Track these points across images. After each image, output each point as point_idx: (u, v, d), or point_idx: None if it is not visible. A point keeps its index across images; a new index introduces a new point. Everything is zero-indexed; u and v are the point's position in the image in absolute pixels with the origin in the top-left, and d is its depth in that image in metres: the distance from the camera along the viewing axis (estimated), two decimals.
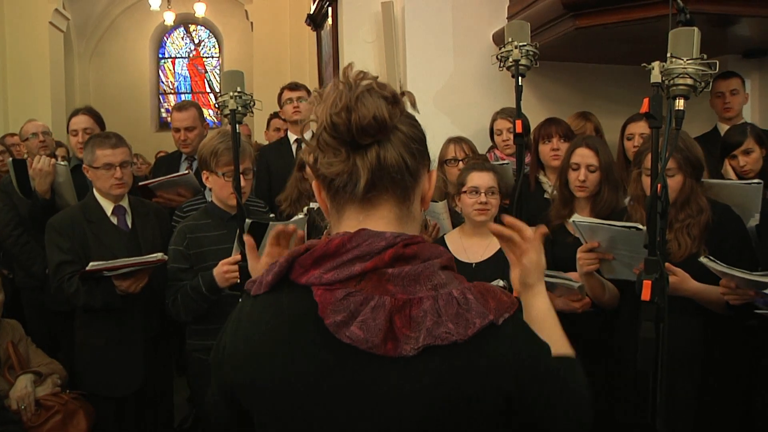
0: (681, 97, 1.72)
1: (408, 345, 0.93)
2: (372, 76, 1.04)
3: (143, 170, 6.13)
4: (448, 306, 0.95)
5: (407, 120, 1.04)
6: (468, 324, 0.94)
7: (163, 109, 13.12)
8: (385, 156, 1.00)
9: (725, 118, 3.80)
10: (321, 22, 5.59)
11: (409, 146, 1.02)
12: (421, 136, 1.06)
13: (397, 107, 1.02)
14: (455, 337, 0.93)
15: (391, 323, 0.94)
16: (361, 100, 0.99)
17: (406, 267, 0.98)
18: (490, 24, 4.22)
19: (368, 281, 0.97)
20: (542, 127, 3.33)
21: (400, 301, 0.95)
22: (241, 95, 2.32)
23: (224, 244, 2.66)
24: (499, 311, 0.97)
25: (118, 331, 2.87)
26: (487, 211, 2.72)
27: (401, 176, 1.02)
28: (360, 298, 0.96)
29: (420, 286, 0.97)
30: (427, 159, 1.08)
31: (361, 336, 0.94)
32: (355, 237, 0.99)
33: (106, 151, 2.88)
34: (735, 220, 2.39)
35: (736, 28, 3.64)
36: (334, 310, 0.96)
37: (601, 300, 2.50)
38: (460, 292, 0.97)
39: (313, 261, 1.01)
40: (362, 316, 0.95)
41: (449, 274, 1.01)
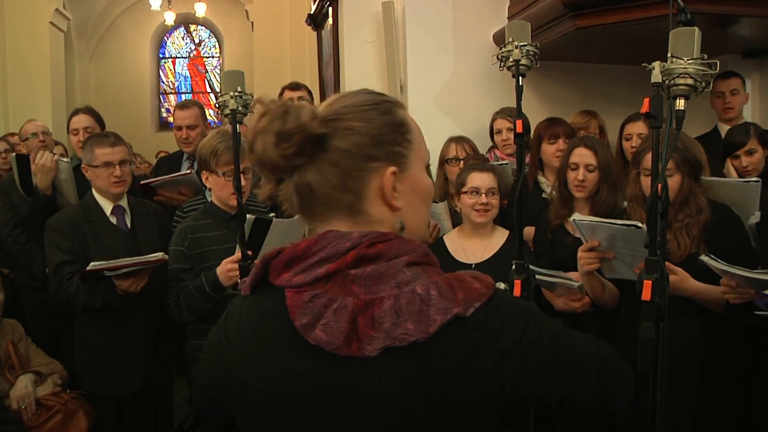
0: (681, 97, 1.72)
1: (371, 345, 0.93)
2: (278, 104, 1.01)
3: (142, 169, 6.13)
4: (410, 304, 0.94)
5: (343, 130, 1.00)
6: (429, 321, 0.93)
7: (163, 109, 13.12)
8: (307, 182, 1.01)
9: (725, 119, 3.80)
10: (321, 22, 5.59)
11: (339, 164, 1.00)
12: (363, 139, 1.01)
13: (284, 143, 0.98)
14: (414, 337, 0.92)
15: (355, 324, 0.94)
16: (255, 142, 1.01)
17: (368, 267, 0.97)
18: (491, 24, 4.23)
19: (334, 283, 0.98)
20: (548, 127, 3.32)
21: (363, 302, 0.95)
22: (241, 95, 2.32)
23: (225, 244, 2.66)
24: (468, 301, 0.95)
25: (117, 331, 2.87)
26: (487, 212, 2.72)
27: (334, 198, 1.02)
28: (324, 300, 0.97)
29: (383, 285, 0.96)
30: (375, 159, 1.02)
31: (324, 338, 0.95)
32: (321, 239, 1.00)
33: (105, 150, 2.88)
34: (734, 220, 2.39)
35: (737, 28, 3.64)
36: (301, 312, 0.97)
37: (602, 300, 2.50)
38: (424, 289, 0.96)
39: (283, 264, 1.02)
40: (325, 319, 0.96)
41: (417, 270, 0.99)
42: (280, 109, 0.99)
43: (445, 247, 2.78)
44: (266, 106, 1.00)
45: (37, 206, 3.39)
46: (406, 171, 1.05)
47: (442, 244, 2.82)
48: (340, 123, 1.01)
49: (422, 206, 1.10)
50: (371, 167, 1.02)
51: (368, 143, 1.01)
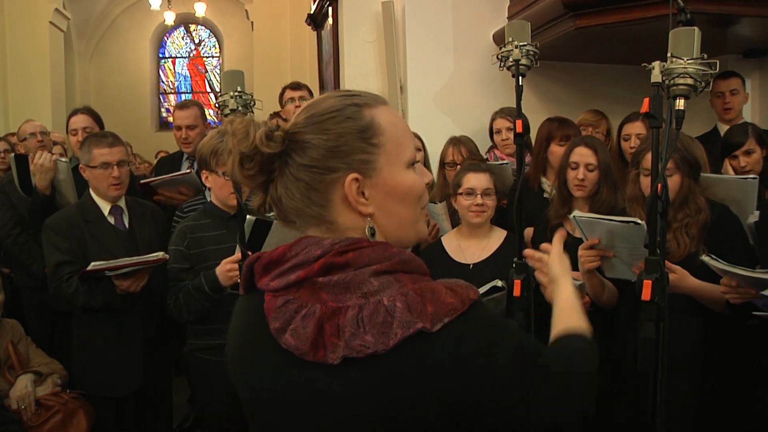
0: (681, 96, 1.72)
1: (334, 353, 0.94)
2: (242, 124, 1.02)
3: (142, 169, 6.12)
4: (374, 315, 0.93)
5: (303, 143, 1.02)
6: (390, 334, 0.91)
7: (163, 109, 13.13)
8: (277, 195, 1.05)
9: (725, 119, 3.79)
10: (321, 22, 5.59)
11: (301, 178, 1.02)
12: (320, 153, 1.01)
13: (255, 157, 1.01)
14: (372, 350, 0.92)
15: (322, 331, 0.95)
16: (227, 161, 1.04)
17: (335, 276, 0.97)
18: (491, 24, 4.23)
19: (305, 289, 0.99)
20: (560, 128, 3.28)
21: (330, 309, 0.96)
22: (241, 95, 2.32)
23: (224, 244, 2.66)
24: (437, 316, 0.92)
25: (117, 331, 2.87)
26: (483, 213, 2.72)
27: (302, 210, 1.04)
28: (295, 305, 0.98)
29: (350, 294, 0.96)
30: (335, 170, 1.01)
31: (292, 343, 0.97)
32: (296, 245, 1.02)
33: (103, 150, 2.87)
34: (733, 220, 2.39)
35: (737, 27, 3.64)
36: (274, 316, 1.00)
37: (601, 299, 2.50)
38: (391, 300, 0.94)
39: (262, 268, 1.05)
40: (294, 324, 0.97)
41: (387, 279, 0.97)
42: (242, 129, 1.01)
43: (443, 248, 2.79)
44: (233, 126, 1.03)
45: (36, 206, 3.39)
46: (375, 176, 1.03)
47: (440, 244, 2.83)
48: (299, 137, 1.02)
49: (402, 208, 1.06)
50: (330, 178, 1.01)
51: (325, 156, 1.01)
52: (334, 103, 1.04)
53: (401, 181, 1.05)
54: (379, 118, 1.04)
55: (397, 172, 1.05)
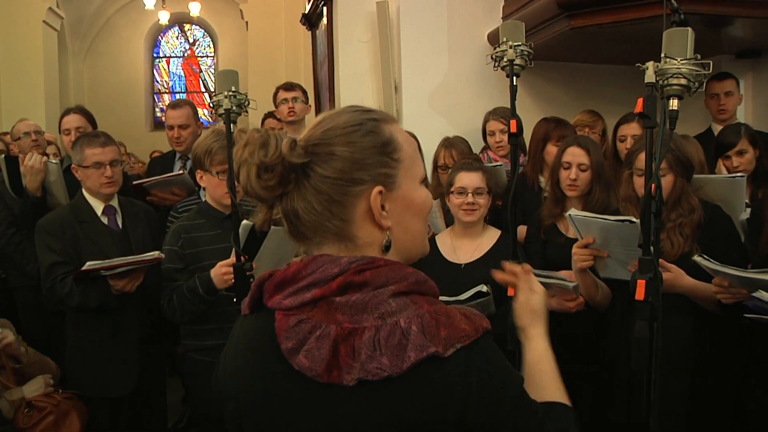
0: (675, 97, 1.72)
1: (349, 375, 0.94)
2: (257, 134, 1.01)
3: (136, 169, 6.11)
4: (390, 337, 0.93)
5: (325, 155, 1.01)
6: (404, 357, 0.92)
7: (157, 109, 13.10)
8: (294, 208, 1.02)
9: (719, 120, 3.81)
10: (316, 22, 5.59)
11: (323, 191, 1.00)
12: (345, 165, 1.00)
13: (267, 173, 0.99)
14: (387, 372, 0.92)
15: (337, 352, 0.95)
16: (240, 172, 1.01)
17: (354, 295, 0.97)
18: (485, 24, 4.23)
19: (319, 309, 0.98)
20: (557, 129, 3.29)
21: (346, 330, 0.95)
22: (235, 95, 2.32)
23: (219, 244, 2.64)
24: (449, 341, 0.93)
25: (111, 332, 2.86)
26: (474, 212, 2.72)
27: (321, 224, 1.02)
28: (309, 326, 0.97)
29: (367, 314, 0.96)
30: (359, 184, 1.01)
31: (306, 364, 0.96)
32: (311, 263, 1.00)
33: (96, 150, 2.87)
34: (725, 220, 2.40)
35: (730, 28, 3.65)
36: (287, 336, 0.98)
37: (594, 299, 2.50)
38: (407, 322, 0.94)
39: (274, 286, 1.03)
40: (308, 345, 0.96)
41: (404, 300, 0.97)
42: (260, 139, 0.99)
43: (437, 247, 2.78)
44: (248, 136, 1.01)
45: (27, 208, 3.38)
46: (395, 190, 1.04)
47: (433, 243, 2.82)
48: (322, 149, 1.01)
49: (417, 222, 1.08)
50: (356, 191, 1.01)
51: (351, 168, 1.00)
52: (354, 117, 1.04)
53: (417, 196, 1.07)
54: (397, 134, 1.06)
55: (413, 187, 1.07)
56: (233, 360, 1.09)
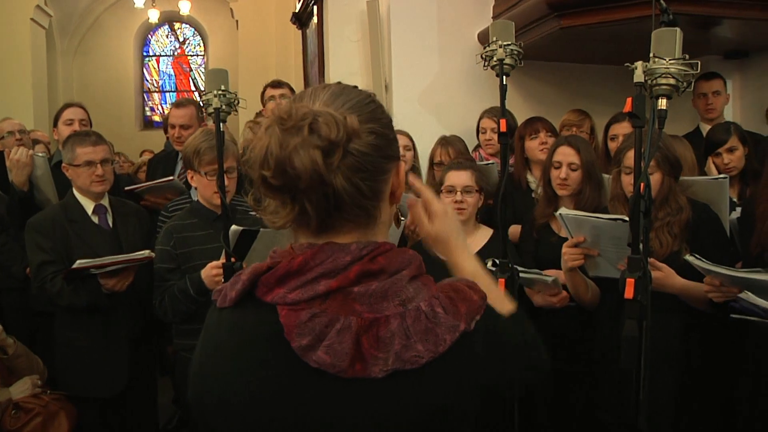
0: (663, 96, 1.73)
1: (377, 366, 0.91)
2: (304, 109, 0.92)
3: (125, 169, 6.07)
4: (416, 323, 0.92)
5: (364, 130, 0.93)
6: (438, 341, 0.92)
7: (147, 108, 13.05)
8: (334, 192, 0.91)
9: (707, 119, 3.84)
10: (306, 21, 5.59)
11: (362, 169, 0.93)
12: (381, 141, 0.96)
13: (338, 149, 0.90)
14: (425, 359, 0.91)
15: (359, 344, 0.91)
16: (293, 158, 0.89)
17: (372, 284, 0.93)
18: (476, 23, 4.24)
19: (333, 300, 0.92)
20: (527, 125, 3.35)
21: (367, 321, 0.92)
22: (225, 94, 2.31)
23: (211, 244, 2.63)
24: (470, 315, 0.96)
25: (102, 331, 2.85)
26: (463, 210, 2.72)
27: (357, 206, 0.95)
28: (325, 319, 0.92)
29: (388, 302, 0.93)
30: (391, 159, 0.99)
31: (327, 361, 0.91)
32: (319, 253, 0.94)
33: (87, 149, 2.86)
34: (713, 219, 2.41)
35: (718, 29, 3.68)
36: (299, 333, 0.92)
37: (584, 298, 2.51)
38: (428, 305, 0.94)
39: (276, 280, 0.95)
40: (328, 340, 0.91)
41: (417, 284, 0.96)
42: (304, 119, 0.90)
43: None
44: (282, 115, 0.91)
45: (14, 202, 3.36)
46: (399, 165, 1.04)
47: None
48: (366, 120, 0.95)
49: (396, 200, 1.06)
50: (388, 167, 0.99)
51: (384, 144, 0.97)
52: (361, 94, 1.00)
53: (403, 178, 1.05)
54: None
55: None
56: (219, 359, 1.01)
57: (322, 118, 0.90)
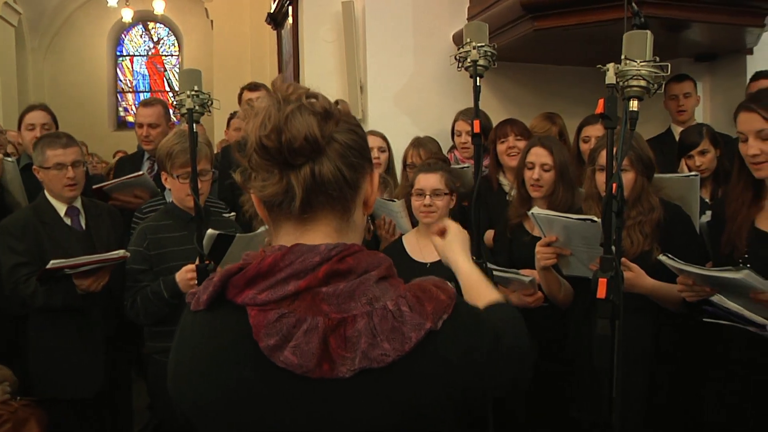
0: (635, 98, 1.75)
1: (344, 366, 0.91)
2: (302, 88, 1.00)
3: (99, 169, 6.00)
4: (383, 321, 0.93)
5: (346, 126, 1.00)
6: (404, 339, 0.92)
7: (121, 108, 12.91)
8: (320, 172, 0.96)
9: (679, 120, 3.90)
10: (281, 21, 5.57)
11: (347, 157, 0.98)
12: (362, 142, 1.02)
13: (331, 121, 0.97)
14: (392, 357, 0.91)
15: (326, 344, 0.92)
16: (290, 121, 0.95)
17: (341, 284, 0.94)
18: (451, 25, 4.26)
19: (302, 301, 0.94)
20: (498, 128, 3.36)
21: (335, 321, 0.93)
22: (198, 94, 2.29)
23: (185, 245, 2.61)
24: (437, 314, 0.95)
25: (76, 332, 2.82)
26: (432, 213, 2.72)
27: (339, 191, 0.99)
28: (293, 320, 0.93)
29: (355, 302, 0.94)
30: (368, 164, 1.04)
31: (294, 361, 0.91)
32: (288, 254, 0.96)
33: (57, 151, 2.82)
34: (685, 219, 2.44)
35: (689, 32, 3.73)
36: (267, 333, 0.93)
37: (557, 297, 2.52)
38: (394, 304, 0.94)
39: (246, 281, 0.97)
40: (295, 341, 0.92)
41: (385, 284, 0.97)
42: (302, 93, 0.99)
43: (403, 247, 2.79)
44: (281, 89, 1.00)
45: None
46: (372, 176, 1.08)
47: (400, 243, 2.83)
48: (347, 119, 1.02)
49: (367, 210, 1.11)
50: (366, 167, 1.03)
51: (363, 146, 1.03)
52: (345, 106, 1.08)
53: (376, 187, 1.09)
54: None
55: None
56: (192, 362, 1.02)
57: (318, 95, 1.00)
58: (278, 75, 3.60)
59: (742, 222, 2.10)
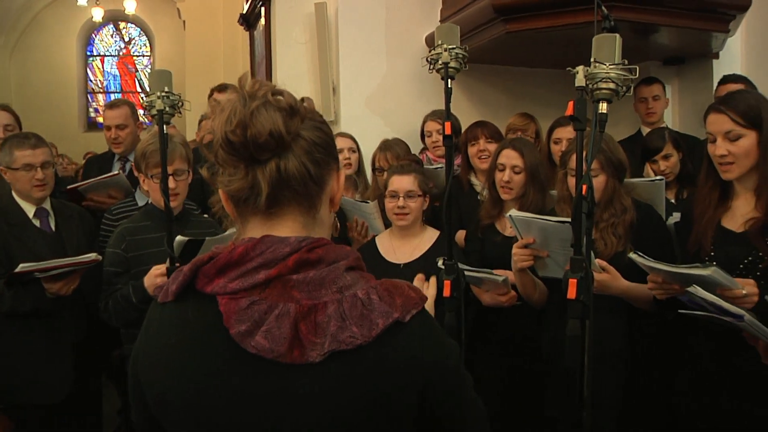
0: (604, 100, 1.77)
1: (314, 351, 0.92)
2: (269, 85, 1.01)
3: (69, 170, 5.91)
4: (352, 308, 0.94)
5: (312, 123, 1.02)
6: (372, 325, 0.93)
7: (91, 109, 12.73)
8: (285, 167, 0.98)
9: (648, 122, 3.96)
10: (254, 22, 5.54)
11: (312, 154, 1.00)
12: (328, 139, 1.04)
13: (297, 117, 0.99)
14: (360, 341, 0.92)
15: (297, 330, 0.93)
16: (255, 116, 0.96)
17: (311, 272, 0.96)
18: (423, 27, 4.27)
19: (273, 289, 0.96)
20: (469, 130, 3.38)
21: (306, 307, 0.94)
22: (168, 95, 2.27)
23: (164, 246, 2.59)
24: (405, 307, 0.96)
25: (45, 336, 2.76)
26: (405, 215, 2.73)
27: (304, 187, 1.00)
28: (264, 306, 0.95)
29: (325, 290, 0.96)
30: (334, 161, 1.06)
31: (266, 346, 0.93)
32: (259, 244, 0.98)
33: (26, 152, 2.78)
34: (657, 219, 2.48)
35: (657, 36, 3.79)
36: (238, 319, 0.94)
37: (532, 298, 2.54)
38: (365, 293, 0.96)
39: (216, 270, 0.98)
40: (267, 326, 0.93)
41: (355, 274, 1.00)
42: (268, 90, 1.00)
43: (376, 248, 2.79)
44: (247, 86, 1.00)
45: None
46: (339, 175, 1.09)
47: (373, 244, 2.83)
48: (312, 116, 1.03)
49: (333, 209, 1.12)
50: (332, 165, 1.05)
51: (330, 144, 1.04)
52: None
53: (342, 185, 1.10)
54: None
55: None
56: (161, 353, 1.03)
57: (284, 92, 1.01)
58: (245, 72, 3.56)
59: (709, 222, 2.13)
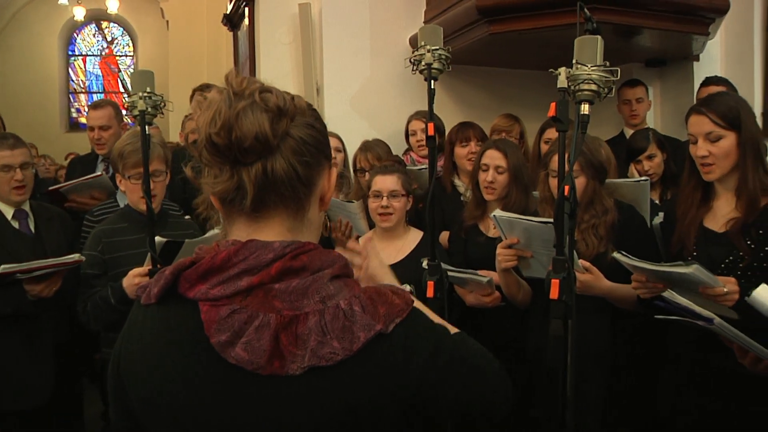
0: (586, 101, 1.78)
1: (294, 364, 0.91)
2: (256, 83, 0.97)
3: (51, 171, 5.85)
4: (334, 320, 0.93)
5: (303, 121, 0.98)
6: (353, 338, 0.92)
7: (73, 109, 12.60)
8: (273, 169, 0.95)
9: (631, 124, 3.99)
10: (238, 23, 5.52)
11: (301, 154, 0.96)
12: (319, 137, 1.00)
13: (285, 118, 0.95)
14: (341, 356, 0.91)
15: (278, 341, 0.92)
16: (240, 119, 0.93)
17: (294, 281, 0.94)
18: (407, 28, 4.28)
19: (254, 297, 0.93)
20: (459, 131, 3.38)
21: (287, 318, 0.92)
22: (150, 96, 2.25)
23: (141, 248, 2.56)
24: (389, 317, 0.95)
25: (25, 338, 2.73)
26: (389, 216, 2.74)
27: (292, 190, 0.97)
28: (244, 316, 0.93)
29: (308, 299, 0.94)
30: (325, 159, 1.03)
31: (245, 357, 0.91)
32: (242, 249, 0.95)
33: (4, 153, 2.74)
34: (639, 219, 2.49)
35: (639, 38, 3.82)
36: (218, 329, 0.93)
37: (516, 298, 2.55)
38: (347, 304, 0.94)
39: (198, 275, 0.96)
40: (246, 337, 0.92)
41: (339, 283, 0.98)
42: (255, 88, 0.96)
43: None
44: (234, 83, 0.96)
45: None
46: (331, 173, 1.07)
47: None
48: (303, 113, 0.99)
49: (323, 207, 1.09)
50: (323, 164, 1.02)
51: (322, 142, 1.01)
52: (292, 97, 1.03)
53: (333, 184, 1.07)
54: None
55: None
56: (143, 357, 1.01)
57: (273, 90, 0.96)
58: (232, 68, 3.50)
59: (691, 222, 2.16)
